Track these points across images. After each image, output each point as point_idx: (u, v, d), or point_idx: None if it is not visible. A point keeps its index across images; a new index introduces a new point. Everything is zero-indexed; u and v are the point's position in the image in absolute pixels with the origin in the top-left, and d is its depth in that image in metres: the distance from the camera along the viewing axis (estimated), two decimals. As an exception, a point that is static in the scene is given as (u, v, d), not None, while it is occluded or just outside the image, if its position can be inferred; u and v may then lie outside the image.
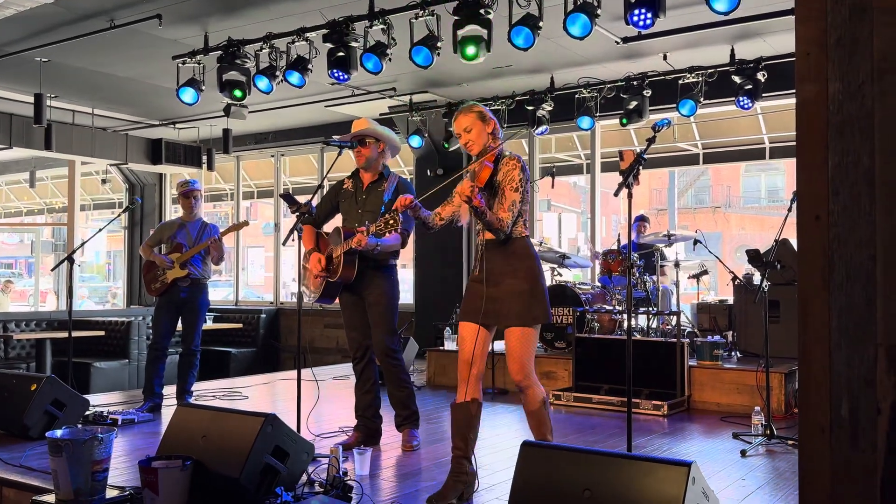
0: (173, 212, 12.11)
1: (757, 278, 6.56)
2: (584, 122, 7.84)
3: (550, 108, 7.95)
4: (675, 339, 6.13)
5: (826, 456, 1.85)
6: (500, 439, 4.99)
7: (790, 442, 4.68)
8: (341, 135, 4.59)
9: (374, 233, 4.07)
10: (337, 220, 4.71)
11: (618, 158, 5.50)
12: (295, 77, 6.42)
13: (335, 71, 6.12)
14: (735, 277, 6.78)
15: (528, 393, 3.53)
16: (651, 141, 3.73)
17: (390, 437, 4.76)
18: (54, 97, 8.91)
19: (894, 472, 1.76)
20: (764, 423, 4.82)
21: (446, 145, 8.65)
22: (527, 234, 3.59)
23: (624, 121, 7.47)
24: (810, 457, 1.87)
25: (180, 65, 6.93)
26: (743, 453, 4.50)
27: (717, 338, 6.50)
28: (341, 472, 3.54)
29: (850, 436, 1.82)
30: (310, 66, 6.44)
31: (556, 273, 7.62)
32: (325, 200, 4.73)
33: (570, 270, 7.98)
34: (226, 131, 9.43)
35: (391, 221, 4.02)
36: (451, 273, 9.37)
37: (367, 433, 4.59)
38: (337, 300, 4.63)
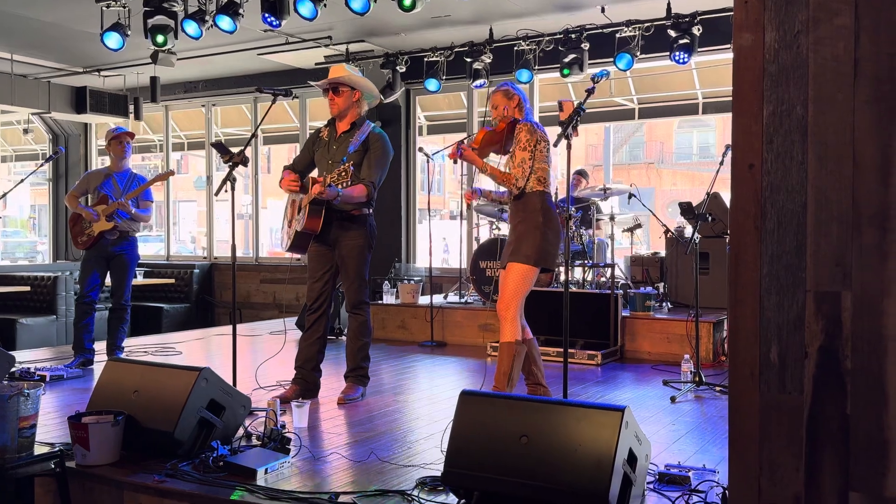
0: (100, 163, 11.67)
1: (688, 232, 6.71)
2: (523, 74, 7.80)
3: (489, 61, 7.89)
4: (609, 291, 6.25)
5: (755, 398, 1.91)
6: (439, 390, 5.03)
7: (718, 388, 4.84)
8: (277, 85, 4.47)
9: (330, 183, 4.07)
10: None
11: (556, 111, 5.50)
12: (225, 22, 6.20)
13: (267, 15, 5.93)
14: (667, 230, 6.93)
15: (502, 326, 4.13)
16: (590, 92, 3.74)
17: (328, 391, 4.75)
18: (-32, 41, 8.42)
19: (821, 412, 1.82)
20: (693, 370, 4.97)
21: (383, 97, 8.52)
22: (541, 189, 4.09)
23: (566, 71, 7.46)
24: (740, 399, 1.93)
25: (104, 8, 6.61)
26: (673, 399, 4.64)
27: (649, 289, 6.64)
28: (279, 425, 3.53)
29: (779, 379, 1.88)
30: (241, 11, 6.22)
31: (494, 227, 7.65)
32: (305, 150, 4.65)
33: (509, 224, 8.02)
34: (153, 79, 9.08)
35: (342, 173, 4.03)
36: (388, 228, 9.32)
37: (304, 386, 4.56)
38: None
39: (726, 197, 6.52)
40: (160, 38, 6.44)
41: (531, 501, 2.61)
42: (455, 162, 4.17)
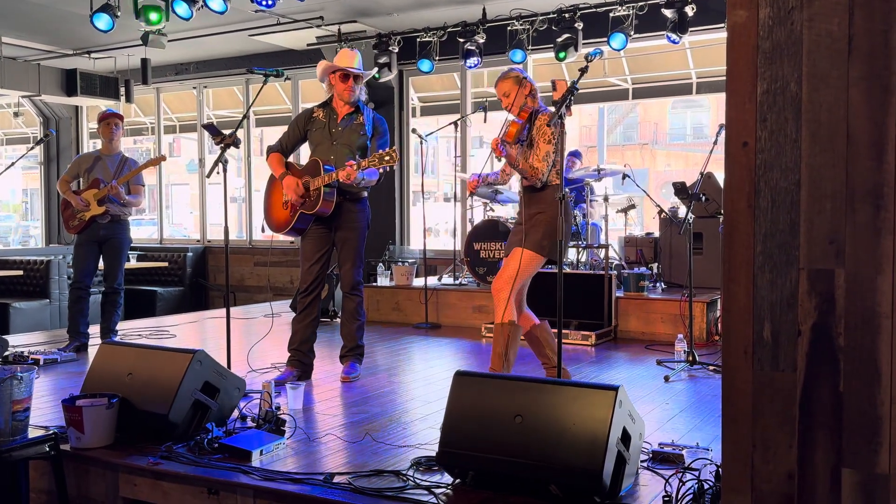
0: (91, 146, 11.60)
1: (682, 212, 6.71)
2: (517, 55, 7.75)
3: (482, 41, 7.83)
4: (603, 272, 6.25)
5: (748, 376, 1.91)
6: (434, 371, 5.04)
7: (711, 367, 4.86)
8: (268, 66, 4.47)
9: (366, 167, 4.15)
10: (303, 150, 4.68)
11: (550, 91, 5.47)
12: (216, 2, 6.15)
13: (260, -5, 5.88)
14: (661, 211, 6.92)
15: (497, 307, 4.15)
16: (584, 71, 3.71)
17: (322, 373, 4.75)
18: (-45, 23, 8.33)
19: (813, 390, 1.83)
20: (686, 350, 4.99)
21: (377, 76, 8.45)
22: (558, 183, 3.96)
23: (562, 54, 7.40)
24: (733, 377, 1.93)
25: (93, -11, 6.55)
26: (666, 379, 4.66)
27: (643, 269, 6.65)
28: (274, 407, 3.53)
29: (772, 356, 1.88)
30: (232, -8, 6.17)
31: (488, 208, 7.64)
32: (294, 128, 4.64)
33: (503, 206, 8.01)
34: (144, 61, 8.99)
35: (387, 157, 4.11)
36: (383, 211, 9.29)
37: (300, 368, 4.57)
38: None
39: (720, 177, 6.51)
40: (150, 19, 6.39)
41: (525, 480, 2.62)
42: (499, 159, 4.12)
